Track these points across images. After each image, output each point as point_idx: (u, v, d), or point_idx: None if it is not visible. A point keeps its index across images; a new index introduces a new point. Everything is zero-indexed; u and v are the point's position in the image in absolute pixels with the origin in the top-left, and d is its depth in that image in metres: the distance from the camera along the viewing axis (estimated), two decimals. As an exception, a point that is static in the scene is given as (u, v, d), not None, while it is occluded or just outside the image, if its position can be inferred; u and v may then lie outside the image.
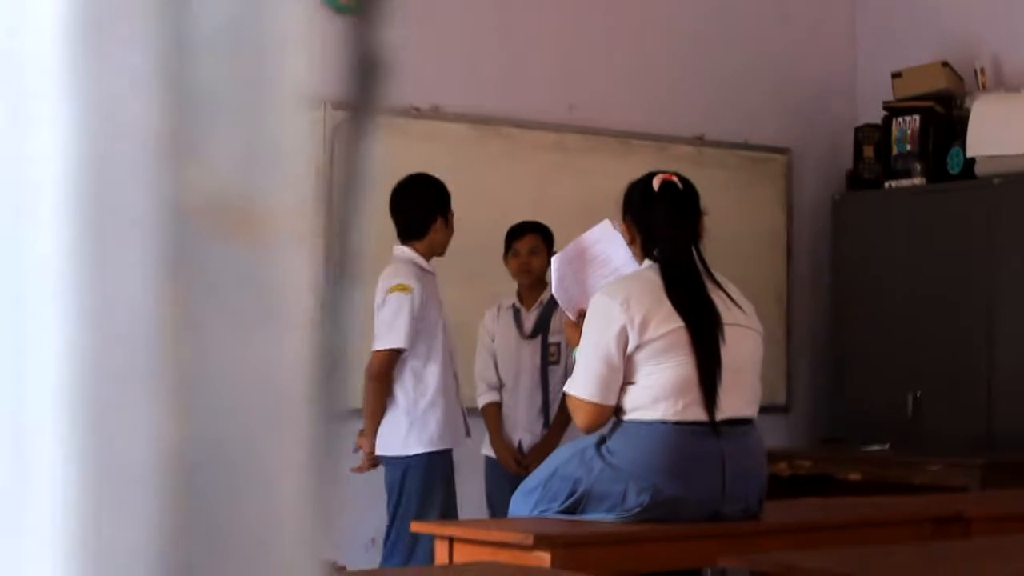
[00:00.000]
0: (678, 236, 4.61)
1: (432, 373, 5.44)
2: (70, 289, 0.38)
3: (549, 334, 6.31)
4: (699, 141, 8.10)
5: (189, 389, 0.38)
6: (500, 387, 6.36)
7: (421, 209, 5.58)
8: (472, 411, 6.14)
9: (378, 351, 5.35)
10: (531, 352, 6.33)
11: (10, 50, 0.41)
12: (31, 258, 0.39)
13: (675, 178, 4.68)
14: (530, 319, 6.38)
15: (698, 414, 4.46)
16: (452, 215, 5.65)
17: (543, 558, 4.22)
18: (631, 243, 4.68)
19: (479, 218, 7.32)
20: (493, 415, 6.32)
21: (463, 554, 4.47)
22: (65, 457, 0.38)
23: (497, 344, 6.38)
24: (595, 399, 4.48)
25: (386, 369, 5.36)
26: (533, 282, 6.40)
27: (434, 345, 5.46)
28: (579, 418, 4.57)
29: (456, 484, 5.65)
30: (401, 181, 5.73)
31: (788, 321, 8.45)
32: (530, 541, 4.27)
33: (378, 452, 5.45)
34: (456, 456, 5.69)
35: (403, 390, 5.43)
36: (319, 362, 0.44)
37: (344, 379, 0.50)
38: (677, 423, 4.44)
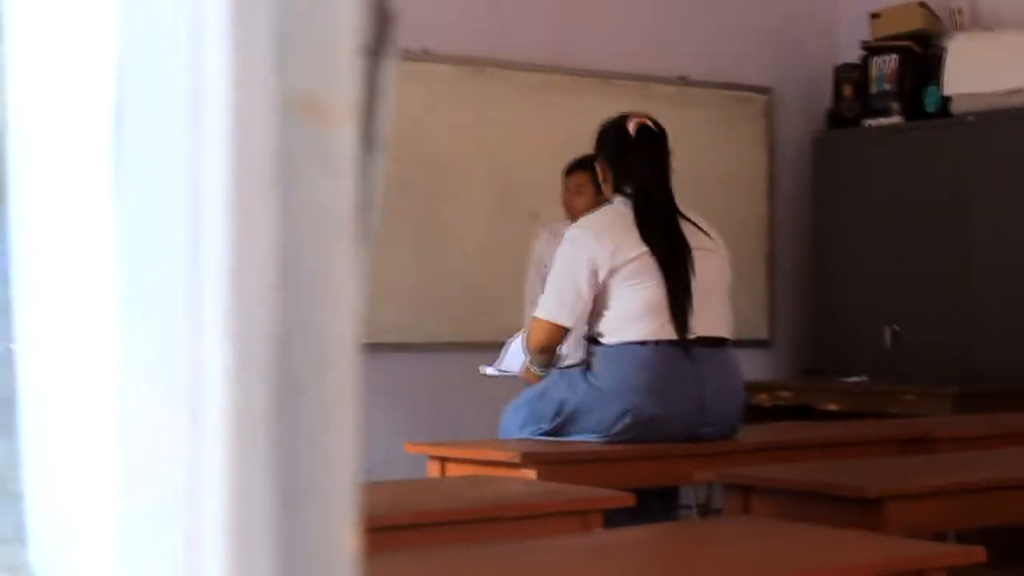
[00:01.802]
0: (653, 175, 4.84)
1: None
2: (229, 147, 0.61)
3: None
4: (682, 81, 8.29)
5: (292, 215, 0.61)
6: None
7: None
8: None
9: None
10: None
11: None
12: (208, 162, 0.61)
13: (648, 121, 4.94)
14: None
15: (671, 333, 4.71)
16: None
17: (530, 475, 4.46)
18: (603, 181, 4.98)
19: (466, 161, 7.53)
20: None
21: (455, 472, 4.71)
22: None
23: (548, 267, 6.53)
24: (551, 318, 4.78)
25: None
26: (577, 216, 6.51)
27: None
28: (533, 337, 4.88)
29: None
30: None
31: (770, 257, 8.66)
32: (517, 459, 4.51)
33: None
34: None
35: None
36: (359, 199, 0.66)
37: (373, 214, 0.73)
38: (654, 343, 4.69)
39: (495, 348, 7.39)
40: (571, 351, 5.21)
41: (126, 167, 0.71)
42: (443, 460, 4.80)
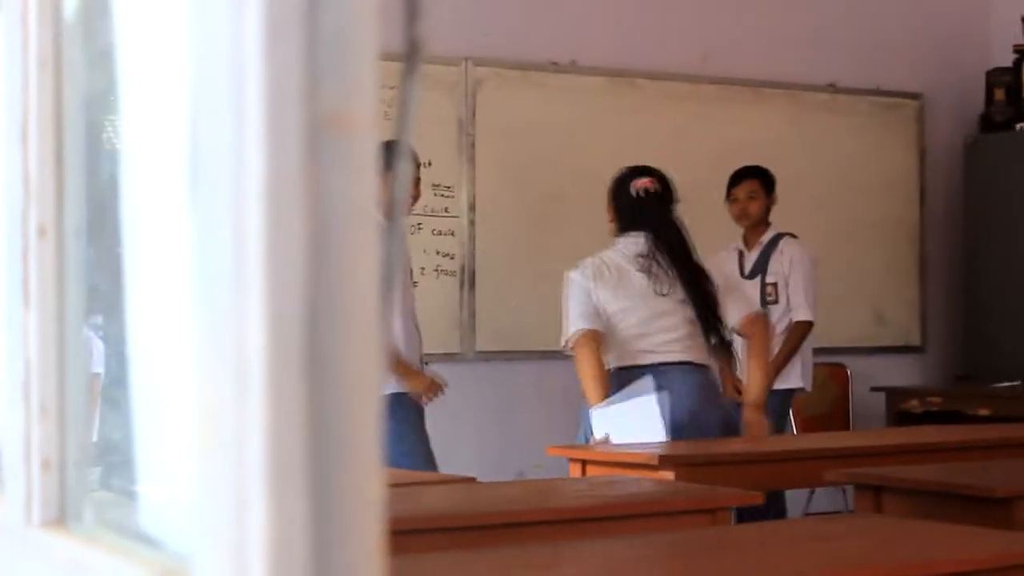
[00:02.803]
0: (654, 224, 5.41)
1: (394, 325, 5.72)
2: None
3: (767, 275, 6.64)
4: (831, 88, 8.32)
5: (320, 213, 0.76)
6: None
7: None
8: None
9: None
10: (751, 291, 6.65)
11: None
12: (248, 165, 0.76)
13: (651, 182, 5.49)
14: (750, 260, 6.73)
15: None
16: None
17: (667, 476, 4.57)
18: (610, 220, 5.57)
19: (613, 170, 7.65)
20: None
21: (594, 474, 4.84)
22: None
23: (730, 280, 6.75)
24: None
25: None
26: (753, 225, 6.72)
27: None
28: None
29: None
30: None
31: (922, 263, 8.64)
32: (655, 461, 4.63)
33: None
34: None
35: None
36: (390, 196, 0.81)
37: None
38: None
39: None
40: None
41: (199, 179, 0.86)
42: (584, 463, 4.93)
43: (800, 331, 6.65)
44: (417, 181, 5.97)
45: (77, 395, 1.22)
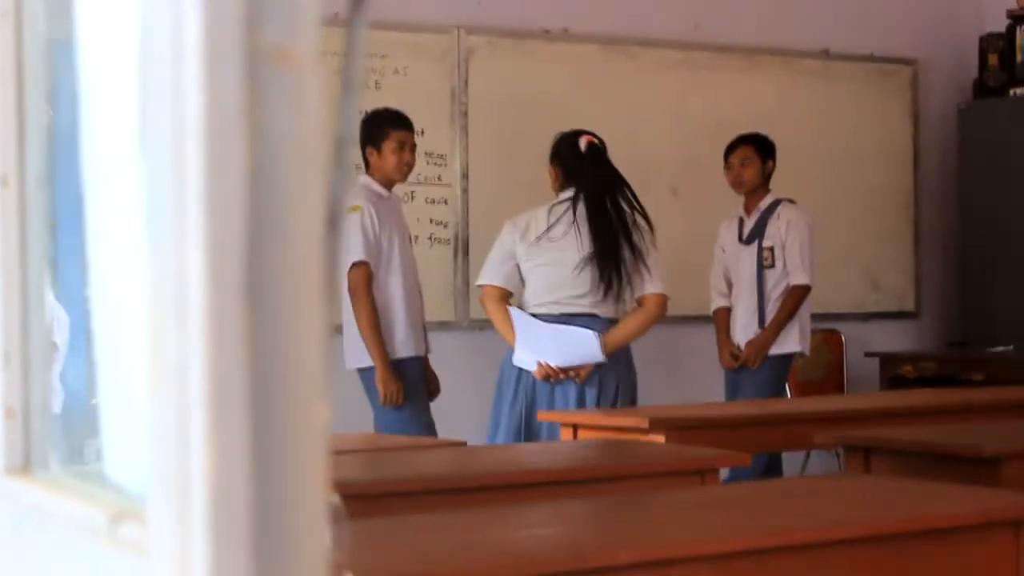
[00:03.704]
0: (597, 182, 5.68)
1: (394, 286, 5.73)
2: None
3: (764, 239, 6.68)
4: (825, 55, 8.30)
5: (264, 143, 0.77)
6: (730, 293, 6.77)
7: (359, 146, 5.84)
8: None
9: (348, 270, 5.60)
10: (749, 256, 6.73)
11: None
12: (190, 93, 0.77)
13: (595, 139, 5.81)
14: (748, 225, 6.75)
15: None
16: (393, 144, 5.83)
17: (658, 439, 4.59)
18: (554, 181, 5.80)
19: (607, 138, 7.64)
20: (721, 319, 6.80)
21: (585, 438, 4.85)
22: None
23: (726, 250, 6.79)
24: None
25: (358, 283, 5.60)
26: (750, 191, 6.76)
27: (392, 260, 5.76)
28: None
29: None
30: None
31: (916, 229, 8.64)
32: (646, 424, 4.64)
33: (351, 367, 5.71)
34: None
35: None
36: (339, 133, 0.81)
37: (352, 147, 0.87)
38: None
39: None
40: None
41: (145, 116, 0.87)
42: (575, 427, 4.95)
43: (797, 295, 6.66)
44: (413, 148, 5.96)
45: (40, 343, 1.23)
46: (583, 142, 5.74)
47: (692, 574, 2.56)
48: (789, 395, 7.26)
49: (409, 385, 5.69)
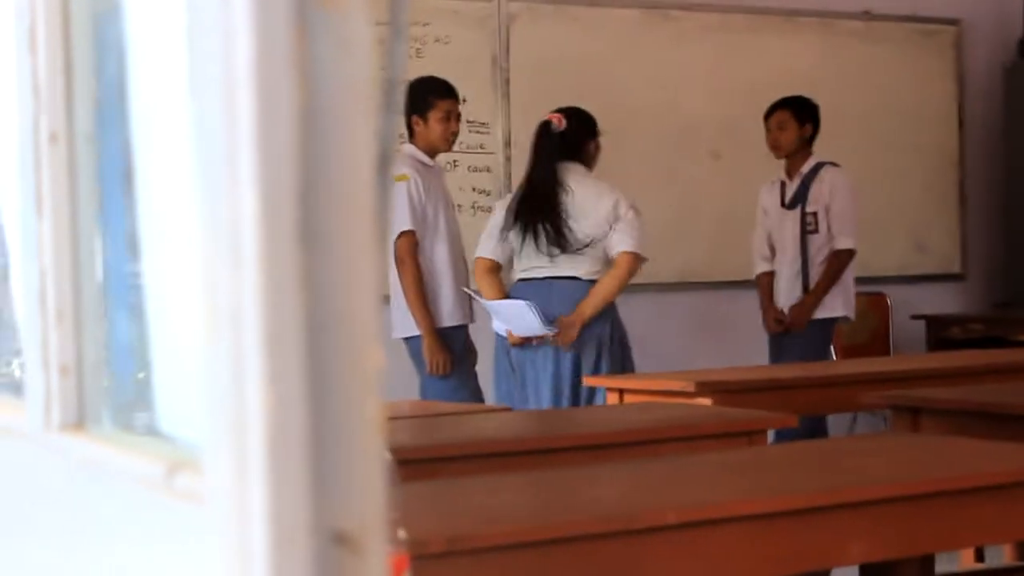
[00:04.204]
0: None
1: (440, 254, 5.75)
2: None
3: (807, 203, 6.62)
4: (866, 16, 8.24)
5: (313, 86, 0.77)
6: (773, 257, 6.73)
7: (403, 115, 5.82)
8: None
9: (395, 239, 5.63)
10: (792, 221, 6.66)
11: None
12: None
13: (557, 117, 5.81)
14: (791, 189, 6.71)
15: None
16: (440, 114, 5.83)
17: (705, 402, 4.58)
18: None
19: (648, 103, 7.63)
20: (764, 284, 6.74)
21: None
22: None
23: (768, 214, 6.75)
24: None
25: (404, 251, 5.63)
26: (791, 154, 6.69)
27: (438, 229, 5.77)
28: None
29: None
30: None
31: (961, 190, 8.58)
32: (692, 388, 4.63)
33: (397, 335, 5.74)
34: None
35: None
36: (386, 77, 0.81)
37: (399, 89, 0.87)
38: None
39: (677, 288, 7.52)
40: None
41: (194, 62, 0.87)
42: (621, 392, 4.94)
43: (842, 259, 6.60)
44: (457, 116, 5.95)
45: (92, 301, 1.24)
46: (543, 121, 5.87)
47: (739, 532, 2.56)
48: (835, 359, 7.23)
49: (456, 353, 5.71)
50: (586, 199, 5.66)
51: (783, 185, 6.76)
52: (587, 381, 5.34)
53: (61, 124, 1.22)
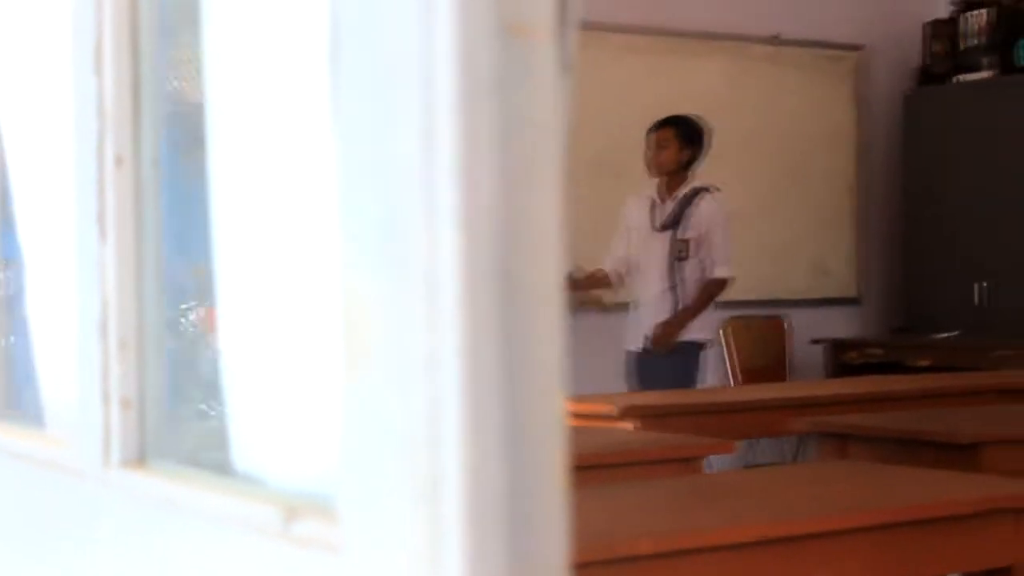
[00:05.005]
0: None
1: None
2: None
3: (681, 229, 6.46)
4: (775, 40, 8.31)
5: (507, 118, 0.73)
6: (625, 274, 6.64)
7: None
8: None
9: None
10: (661, 244, 6.48)
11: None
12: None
13: None
14: (664, 211, 6.52)
15: None
16: None
17: (627, 427, 4.56)
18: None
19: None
20: (599, 277, 6.66)
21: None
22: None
23: (633, 232, 6.63)
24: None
25: None
26: (667, 175, 6.52)
27: None
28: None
29: None
30: None
31: (860, 215, 8.69)
32: (615, 412, 4.62)
33: None
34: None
35: None
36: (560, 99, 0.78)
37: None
38: None
39: (584, 308, 7.50)
40: None
41: (344, 85, 0.83)
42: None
43: (719, 286, 6.46)
44: None
45: (155, 331, 1.18)
46: None
47: (714, 562, 2.55)
48: (731, 382, 7.24)
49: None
50: None
51: (653, 204, 6.60)
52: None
53: (127, 147, 1.17)
